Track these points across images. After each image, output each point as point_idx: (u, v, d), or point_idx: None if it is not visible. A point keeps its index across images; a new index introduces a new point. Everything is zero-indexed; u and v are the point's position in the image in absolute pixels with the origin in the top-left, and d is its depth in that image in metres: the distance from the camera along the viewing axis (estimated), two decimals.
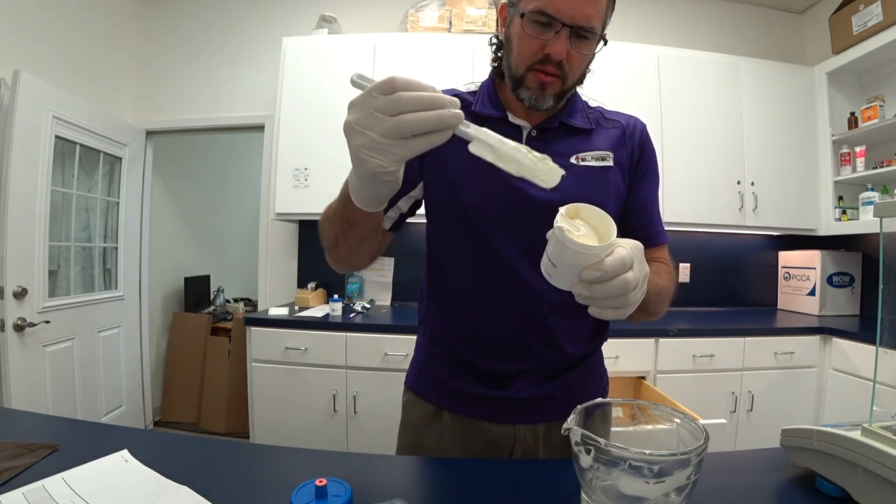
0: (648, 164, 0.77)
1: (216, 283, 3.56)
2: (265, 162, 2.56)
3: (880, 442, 0.46)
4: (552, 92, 0.66)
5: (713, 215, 2.32)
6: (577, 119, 0.74)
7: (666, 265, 0.75)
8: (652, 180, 0.78)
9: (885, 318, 0.55)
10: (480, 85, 0.79)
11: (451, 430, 0.75)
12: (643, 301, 0.59)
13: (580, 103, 0.77)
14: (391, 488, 0.52)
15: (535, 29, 0.63)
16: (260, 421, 1.95)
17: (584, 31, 0.62)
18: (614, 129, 0.76)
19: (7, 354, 1.75)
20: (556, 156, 0.66)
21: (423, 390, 0.80)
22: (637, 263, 0.46)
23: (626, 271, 0.45)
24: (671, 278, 0.73)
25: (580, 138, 0.74)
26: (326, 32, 2.36)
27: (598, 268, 0.44)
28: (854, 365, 1.89)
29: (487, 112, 0.73)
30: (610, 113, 0.79)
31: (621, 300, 0.45)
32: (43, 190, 1.94)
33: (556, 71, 0.64)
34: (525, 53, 0.65)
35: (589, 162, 0.72)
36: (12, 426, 0.69)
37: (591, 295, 0.45)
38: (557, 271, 0.47)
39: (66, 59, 2.21)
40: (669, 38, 2.62)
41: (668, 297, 0.70)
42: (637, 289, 0.46)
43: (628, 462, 0.40)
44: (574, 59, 0.64)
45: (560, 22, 0.61)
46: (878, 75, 2.32)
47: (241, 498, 0.51)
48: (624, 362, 1.92)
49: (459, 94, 0.77)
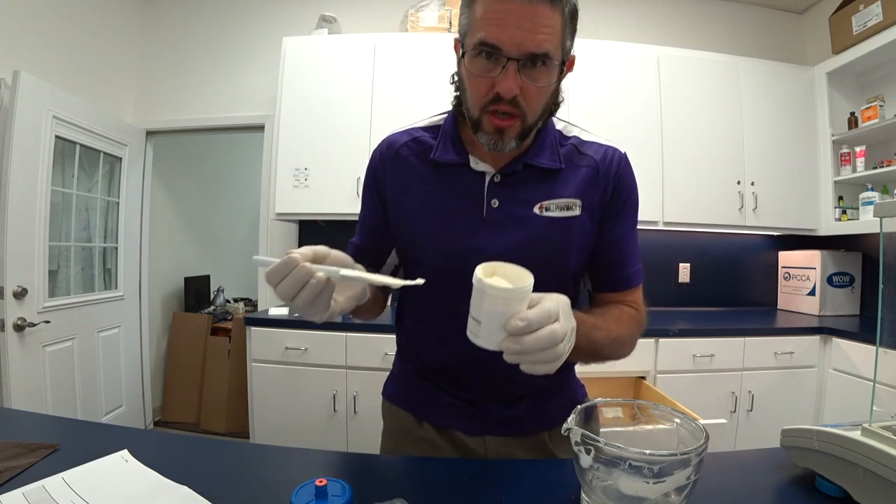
0: (625, 200, 0.70)
1: (216, 283, 3.56)
2: (265, 162, 2.57)
3: (880, 442, 0.46)
4: (512, 134, 0.60)
5: (713, 215, 2.32)
6: (545, 158, 0.67)
7: (634, 309, 0.72)
8: (627, 218, 0.71)
9: (885, 318, 0.55)
10: (445, 120, 0.73)
11: (429, 439, 0.76)
12: (594, 346, 0.60)
13: (551, 136, 0.69)
14: (391, 488, 0.52)
15: (482, 65, 0.56)
16: (260, 421, 1.95)
17: (538, 61, 0.55)
18: (586, 167, 0.68)
19: (7, 354, 1.75)
20: (519, 204, 0.66)
21: (401, 402, 0.81)
22: (563, 316, 0.47)
23: (552, 322, 0.45)
24: (636, 323, 0.70)
25: (547, 182, 0.67)
26: (326, 32, 2.36)
27: (523, 317, 0.43)
28: (854, 365, 1.88)
29: (448, 158, 0.68)
30: (586, 144, 0.70)
31: (551, 353, 0.45)
32: (43, 190, 1.94)
33: (512, 110, 0.58)
34: (476, 94, 0.59)
35: (553, 212, 0.66)
36: (12, 426, 0.69)
37: (521, 348, 0.44)
38: (482, 327, 0.46)
39: (66, 59, 2.21)
40: (669, 38, 2.62)
41: (627, 343, 0.68)
42: (565, 341, 0.46)
43: (628, 462, 0.40)
44: (530, 93, 0.57)
45: (505, 55, 0.54)
46: (878, 75, 2.32)
47: (241, 498, 0.51)
48: (624, 362, 1.88)
49: (420, 137, 0.73)
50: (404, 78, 2.18)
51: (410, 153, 0.72)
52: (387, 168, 0.73)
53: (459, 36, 0.62)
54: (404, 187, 0.71)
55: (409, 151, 0.72)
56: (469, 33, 0.58)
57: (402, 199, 0.72)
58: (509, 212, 0.67)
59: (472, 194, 0.68)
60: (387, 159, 0.73)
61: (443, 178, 0.69)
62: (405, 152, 0.72)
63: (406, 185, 0.71)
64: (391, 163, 0.73)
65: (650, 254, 2.59)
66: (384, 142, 0.76)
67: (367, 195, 0.77)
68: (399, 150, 0.73)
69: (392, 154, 0.73)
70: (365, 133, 2.16)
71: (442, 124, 0.73)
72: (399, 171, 0.72)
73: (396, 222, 0.73)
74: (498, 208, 0.67)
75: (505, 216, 0.67)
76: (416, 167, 0.71)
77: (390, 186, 0.73)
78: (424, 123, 0.75)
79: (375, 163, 0.75)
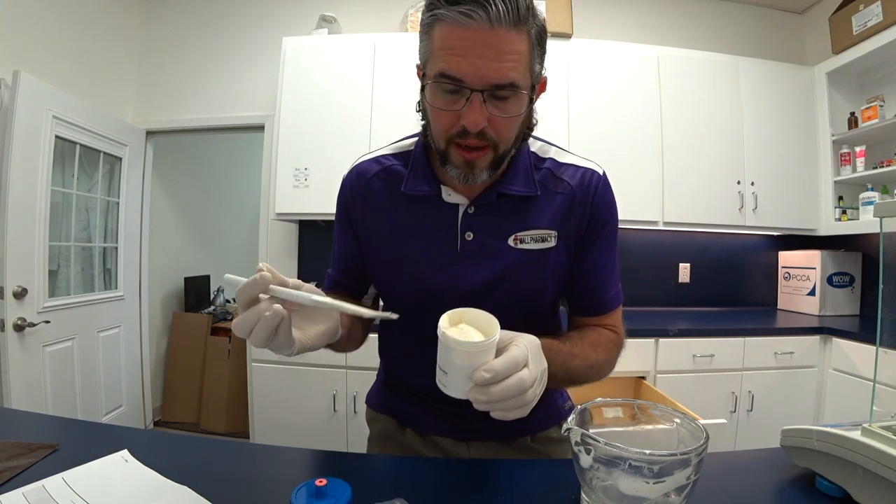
0: (602, 226, 0.68)
1: (216, 283, 3.56)
2: (265, 162, 2.56)
3: (880, 442, 0.46)
4: (483, 165, 0.57)
5: (713, 215, 2.32)
6: (519, 185, 0.64)
7: (612, 332, 0.71)
8: (605, 244, 0.69)
9: (885, 318, 0.55)
10: (415, 147, 0.69)
11: (413, 445, 0.76)
12: (571, 373, 0.60)
13: (525, 160, 0.66)
14: (391, 488, 0.52)
15: (444, 98, 0.53)
16: (260, 421, 1.95)
17: (502, 91, 0.51)
18: (562, 194, 0.66)
19: (7, 354, 1.75)
20: (494, 236, 0.65)
21: (385, 410, 0.81)
22: (532, 360, 0.46)
23: (519, 370, 0.44)
24: (615, 346, 0.70)
25: (522, 210, 0.65)
26: (326, 32, 2.36)
27: (488, 368, 0.43)
28: (854, 365, 1.88)
29: (419, 190, 0.65)
30: (562, 167, 0.67)
31: (519, 400, 0.44)
32: (43, 190, 1.93)
33: (480, 143, 0.55)
34: (440, 127, 0.56)
35: (528, 244, 0.64)
36: (12, 426, 0.69)
37: (488, 399, 0.43)
38: (450, 378, 0.46)
39: (66, 59, 2.21)
40: (669, 38, 2.62)
41: (605, 367, 0.67)
42: (534, 387, 0.45)
43: (628, 462, 0.40)
44: (499, 124, 0.54)
45: (468, 87, 0.51)
46: (878, 75, 2.32)
47: (241, 498, 0.51)
48: (624, 362, 1.88)
49: (390, 167, 0.69)
50: (404, 78, 2.18)
51: (381, 185, 0.69)
52: (357, 200, 0.71)
53: (420, 63, 0.58)
54: (376, 221, 0.69)
55: (379, 183, 0.70)
56: (429, 63, 0.54)
57: (374, 233, 0.70)
58: (484, 244, 0.65)
59: (446, 227, 0.66)
60: (357, 191, 0.71)
61: (415, 210, 0.67)
62: (376, 184, 0.70)
63: (377, 218, 0.69)
64: (362, 195, 0.70)
65: (650, 254, 2.59)
66: (353, 171, 0.73)
67: (340, 227, 0.75)
68: (369, 181, 0.70)
69: (363, 186, 0.70)
70: (365, 133, 2.16)
71: (412, 150, 0.69)
72: (370, 204, 0.70)
73: (369, 256, 0.71)
74: (473, 241, 0.65)
75: (480, 249, 0.65)
76: (387, 200, 0.68)
77: (361, 219, 0.71)
78: (393, 150, 0.72)
79: (346, 194, 0.72)
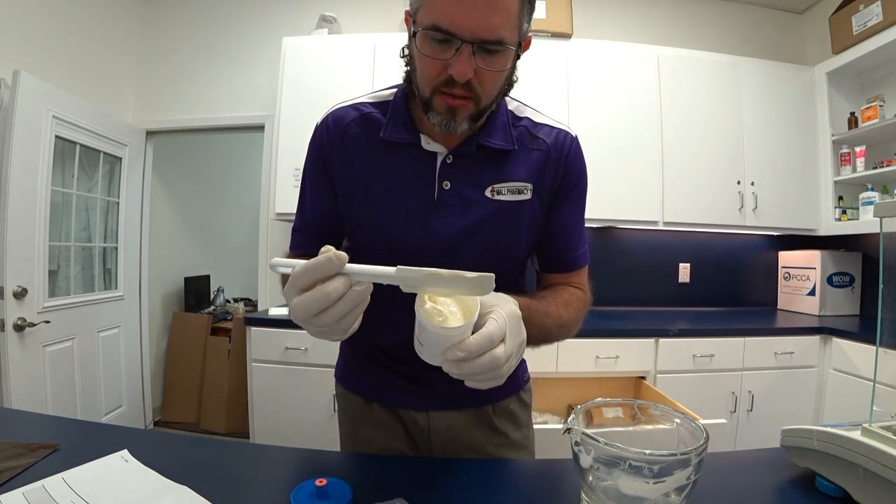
0: (573, 185, 0.71)
1: (216, 283, 3.56)
2: (265, 162, 2.56)
3: (880, 442, 0.46)
4: (465, 115, 0.58)
5: (713, 215, 2.32)
6: (498, 138, 0.66)
7: (580, 290, 0.73)
8: (576, 202, 0.72)
9: (885, 318, 0.55)
10: (395, 96, 0.69)
11: (381, 420, 0.77)
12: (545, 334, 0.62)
13: (503, 116, 0.68)
14: (391, 488, 0.52)
15: (434, 47, 0.54)
16: (260, 421, 1.94)
17: (491, 45, 0.53)
18: (538, 150, 0.68)
19: (7, 354, 1.75)
20: (471, 187, 0.66)
21: (350, 384, 0.82)
22: (510, 333, 0.46)
23: (494, 347, 0.44)
24: (583, 305, 0.71)
25: (499, 163, 0.67)
26: (326, 32, 2.36)
27: (461, 348, 0.43)
28: (854, 365, 1.88)
29: (398, 137, 0.66)
30: (538, 126, 0.70)
31: (493, 374, 0.44)
32: (43, 190, 1.93)
33: (465, 93, 0.56)
34: (427, 75, 0.57)
35: (505, 196, 0.66)
36: (12, 426, 0.69)
37: (460, 372, 0.44)
38: (425, 349, 0.46)
39: (66, 59, 2.21)
40: (669, 38, 2.62)
41: (574, 326, 0.69)
42: (510, 360, 0.45)
43: (628, 462, 0.40)
44: (485, 76, 0.56)
45: (459, 38, 0.52)
46: (878, 75, 2.32)
47: (241, 498, 0.51)
48: (624, 362, 1.92)
49: (369, 114, 0.69)
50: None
51: (359, 130, 0.68)
52: (333, 145, 0.69)
53: (411, 9, 0.58)
54: (352, 166, 0.68)
55: (357, 129, 0.68)
56: (421, 11, 0.54)
57: (351, 179, 0.69)
58: (461, 194, 0.66)
59: (424, 175, 0.66)
60: (334, 136, 0.69)
61: (393, 157, 0.66)
62: (353, 129, 0.68)
63: (354, 164, 0.68)
64: (339, 141, 0.69)
65: (650, 254, 2.59)
66: (329, 117, 0.70)
67: (313, 181, 0.72)
68: (347, 126, 0.69)
69: (340, 131, 0.69)
70: None
71: (391, 100, 0.69)
72: (347, 151, 0.68)
73: (345, 205, 0.70)
74: (450, 190, 0.65)
75: (457, 199, 0.66)
76: (365, 146, 0.67)
77: (338, 165, 0.69)
78: (372, 99, 0.71)
79: (322, 140, 0.70)
